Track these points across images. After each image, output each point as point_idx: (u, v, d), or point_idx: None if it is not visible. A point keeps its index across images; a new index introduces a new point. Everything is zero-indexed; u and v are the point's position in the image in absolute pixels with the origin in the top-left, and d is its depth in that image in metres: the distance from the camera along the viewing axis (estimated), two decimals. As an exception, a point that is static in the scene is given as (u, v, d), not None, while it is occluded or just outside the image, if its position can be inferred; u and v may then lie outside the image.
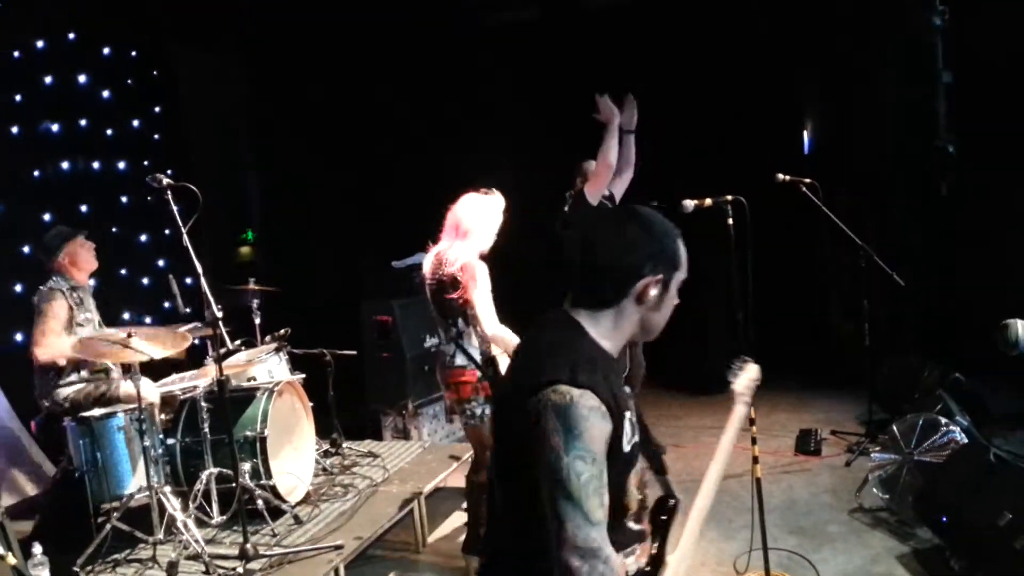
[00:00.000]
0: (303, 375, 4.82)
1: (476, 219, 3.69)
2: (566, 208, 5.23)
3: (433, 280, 3.68)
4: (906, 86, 6.72)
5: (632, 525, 1.83)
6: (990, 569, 3.26)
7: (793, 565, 3.80)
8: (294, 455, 4.44)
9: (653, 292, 1.76)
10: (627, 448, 1.74)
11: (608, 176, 5.05)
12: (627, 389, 1.87)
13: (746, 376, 2.39)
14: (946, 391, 4.71)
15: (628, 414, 1.76)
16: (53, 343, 4.08)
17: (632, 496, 1.81)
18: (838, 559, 3.88)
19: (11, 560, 2.61)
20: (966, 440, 4.04)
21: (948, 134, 6.59)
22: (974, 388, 5.10)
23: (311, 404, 4.63)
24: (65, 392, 4.13)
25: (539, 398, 1.63)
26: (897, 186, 6.94)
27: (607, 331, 1.78)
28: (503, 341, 3.57)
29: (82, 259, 4.34)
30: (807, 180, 4.95)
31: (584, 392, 1.63)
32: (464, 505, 4.08)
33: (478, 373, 3.61)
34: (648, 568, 1.88)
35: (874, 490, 4.29)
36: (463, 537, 4.06)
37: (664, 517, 1.93)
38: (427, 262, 3.76)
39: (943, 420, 4.16)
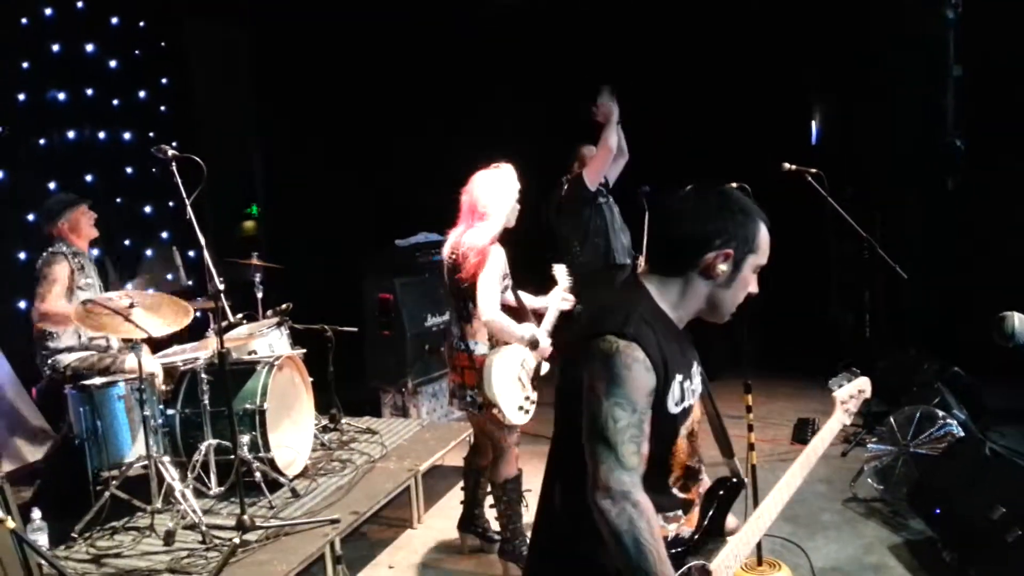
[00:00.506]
0: (304, 350, 4.83)
1: (491, 197, 3.60)
2: (562, 192, 5.27)
3: (450, 261, 3.65)
4: (916, 79, 6.69)
5: (677, 492, 1.86)
6: (981, 562, 3.28)
7: (786, 552, 3.81)
8: (293, 429, 4.47)
9: (722, 266, 1.79)
10: (674, 409, 1.79)
11: (608, 160, 5.11)
12: (696, 366, 1.90)
13: (854, 386, 2.30)
14: (944, 385, 4.72)
15: (679, 377, 1.79)
16: (54, 305, 4.11)
17: (678, 459, 1.85)
18: (831, 547, 3.91)
19: (10, 524, 2.63)
20: (962, 434, 4.07)
21: (956, 129, 6.57)
22: (972, 383, 5.11)
23: (311, 379, 4.65)
24: (67, 360, 4.16)
25: (589, 348, 1.70)
26: (903, 179, 6.92)
27: (673, 300, 1.83)
28: (500, 328, 3.51)
29: (83, 227, 4.37)
30: (813, 170, 4.94)
31: (630, 344, 1.68)
32: (461, 484, 4.09)
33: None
34: (695, 540, 1.87)
35: (869, 480, 4.31)
36: (459, 515, 4.09)
37: (723, 494, 1.94)
38: (447, 244, 3.71)
39: (940, 413, 4.18)
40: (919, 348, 5.64)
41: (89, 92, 6.17)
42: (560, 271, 3.90)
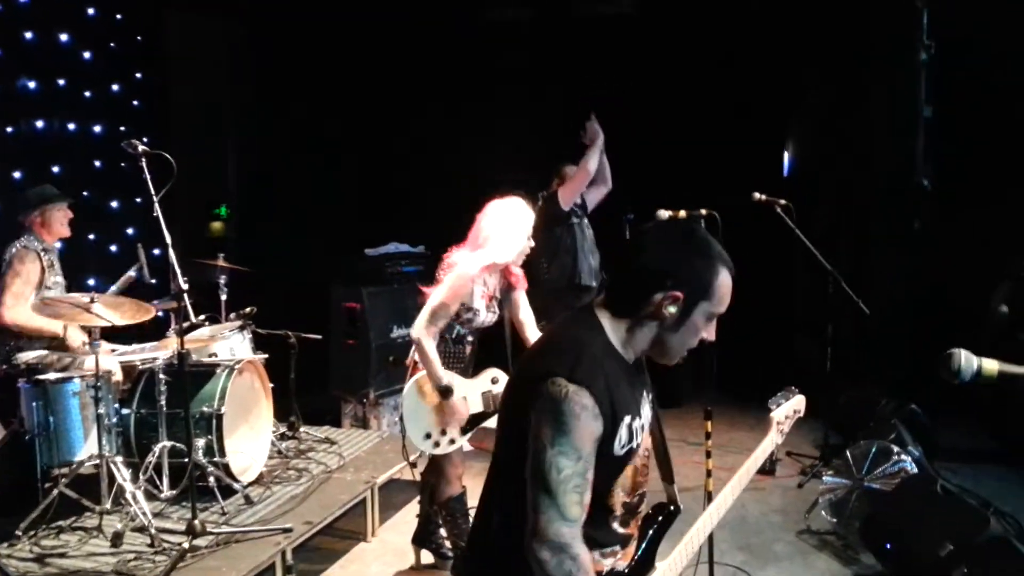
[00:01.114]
0: (266, 355, 4.78)
1: (493, 229, 3.48)
2: (538, 206, 5.28)
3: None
4: (888, 118, 6.81)
5: (617, 527, 1.85)
6: (928, 598, 3.33)
7: (738, 581, 3.84)
8: (250, 435, 4.41)
9: (670, 308, 1.74)
10: (619, 452, 1.75)
11: (584, 183, 5.17)
12: (646, 396, 1.88)
13: (789, 406, 2.29)
14: (901, 421, 4.78)
15: (627, 419, 1.76)
16: (20, 310, 4.04)
17: (618, 498, 1.83)
18: (782, 578, 3.93)
19: (-49, 519, 2.56)
20: (916, 470, 4.11)
21: (925, 168, 6.70)
22: (928, 421, 5.19)
23: (272, 385, 4.60)
24: (26, 356, 4.08)
25: (537, 388, 1.67)
26: (872, 216, 7.04)
27: (622, 337, 1.79)
28: (422, 353, 3.40)
29: (56, 224, 4.32)
30: (782, 201, 5.01)
31: (580, 389, 1.65)
32: (418, 498, 4.06)
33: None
34: (628, 571, 1.88)
35: (823, 513, 4.35)
36: (414, 529, 4.05)
37: (661, 520, 1.95)
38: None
39: (895, 448, 4.23)
40: (879, 384, 5.71)
41: (61, 83, 6.09)
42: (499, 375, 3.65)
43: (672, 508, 1.98)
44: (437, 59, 7.55)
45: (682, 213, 3.92)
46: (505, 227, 3.49)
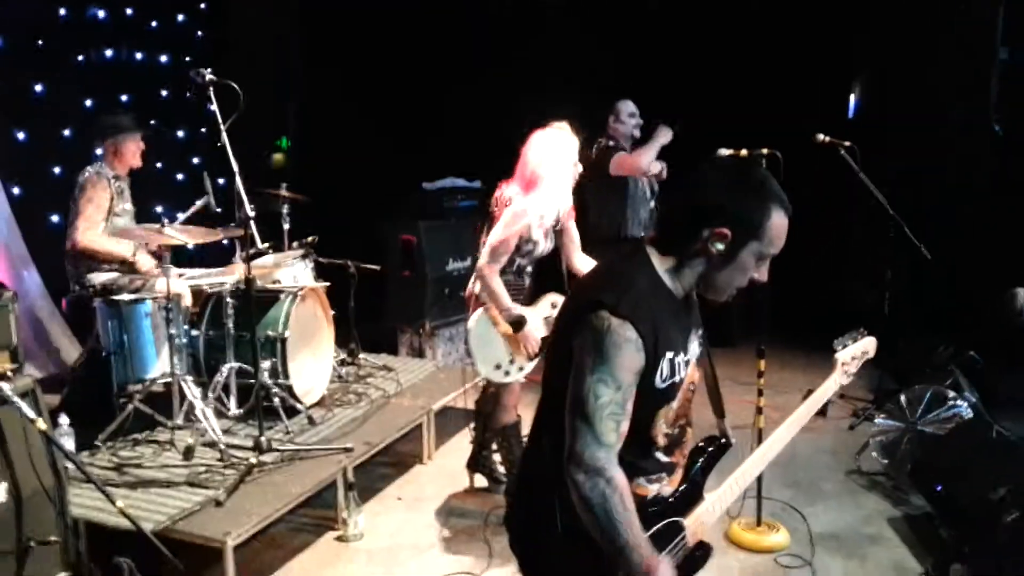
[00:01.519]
0: (327, 283, 4.90)
1: (544, 161, 3.50)
2: (591, 154, 5.12)
3: (490, 212, 3.64)
4: (961, 60, 6.57)
5: (661, 456, 1.89)
6: (976, 540, 3.33)
7: (785, 516, 3.90)
8: (312, 360, 4.56)
9: (717, 246, 1.73)
10: (660, 385, 1.78)
11: (632, 173, 5.02)
12: (695, 332, 1.90)
13: (858, 347, 2.25)
14: (959, 367, 4.74)
15: (670, 354, 1.78)
16: (92, 234, 4.16)
17: (660, 429, 1.86)
18: (830, 515, 3.98)
19: (41, 425, 2.73)
20: (971, 415, 4.09)
21: (997, 113, 6.48)
22: (988, 368, 5.12)
23: (332, 313, 4.72)
24: (99, 277, 4.24)
25: (582, 318, 1.71)
26: (940, 161, 6.85)
27: (671, 272, 1.80)
28: (487, 285, 3.49)
29: (128, 154, 4.39)
30: (846, 143, 4.90)
31: (623, 322, 1.68)
32: (472, 425, 4.18)
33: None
34: (674, 498, 1.91)
35: (874, 454, 4.36)
36: (468, 454, 4.18)
37: (710, 452, 1.99)
38: (496, 194, 3.68)
39: (951, 394, 4.21)
40: (937, 330, 5.64)
41: (129, 12, 6.19)
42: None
43: (723, 441, 2.01)
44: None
45: (743, 152, 3.85)
46: (552, 161, 3.52)
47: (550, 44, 7.45)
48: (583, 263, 3.74)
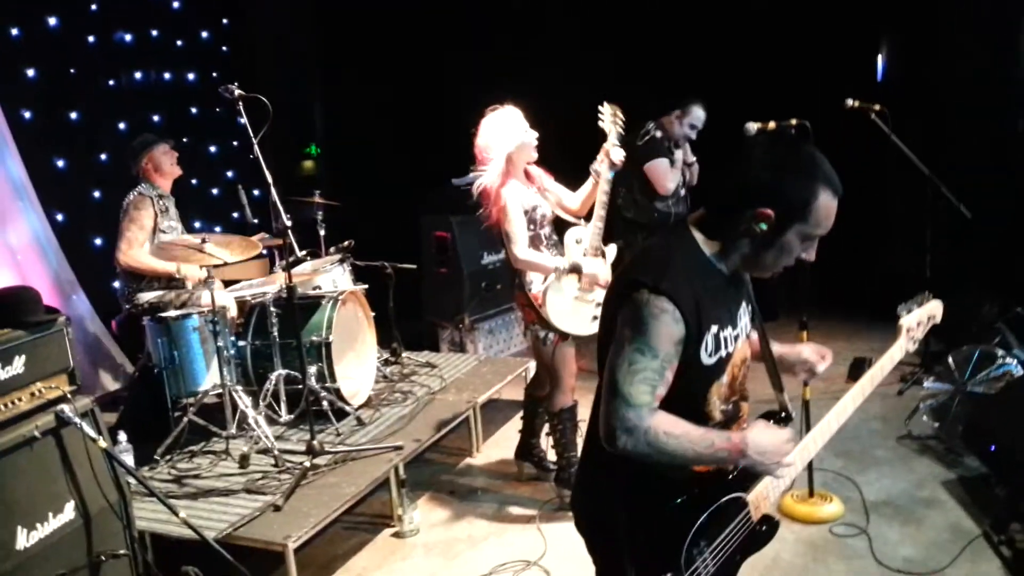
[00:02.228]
0: (365, 286, 4.97)
1: (489, 139, 3.63)
2: (638, 142, 5.02)
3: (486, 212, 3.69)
4: (988, 14, 6.43)
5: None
6: (1034, 497, 3.31)
7: (837, 485, 3.88)
8: (356, 361, 4.63)
9: (761, 226, 1.72)
10: (707, 360, 1.80)
11: (654, 181, 4.97)
12: (745, 307, 1.92)
13: (924, 312, 2.21)
14: (1006, 325, 4.67)
15: (715, 328, 1.79)
16: (135, 253, 4.30)
17: (714, 406, 1.89)
18: (883, 482, 3.95)
19: (102, 443, 2.83)
20: (1022, 373, 4.04)
21: (1027, 65, 6.34)
22: (1036, 323, 5.04)
23: (372, 314, 4.80)
24: (146, 296, 4.36)
25: (624, 296, 1.75)
26: (972, 118, 6.72)
27: (715, 252, 1.81)
28: (536, 266, 3.58)
29: (165, 165, 4.53)
30: (876, 107, 4.84)
31: (660, 298, 1.71)
32: (520, 415, 4.22)
33: (540, 299, 3.63)
34: (734, 474, 1.90)
35: (924, 418, 4.33)
36: (515, 444, 4.23)
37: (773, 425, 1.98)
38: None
39: (1000, 352, 4.16)
40: (982, 288, 5.55)
41: (154, 33, 6.31)
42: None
43: (783, 415, 2.00)
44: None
45: (771, 124, 3.82)
46: (497, 134, 3.62)
47: (577, 43, 7.44)
48: (576, 199, 3.81)
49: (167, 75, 6.44)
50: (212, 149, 6.82)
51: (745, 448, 1.77)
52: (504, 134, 3.63)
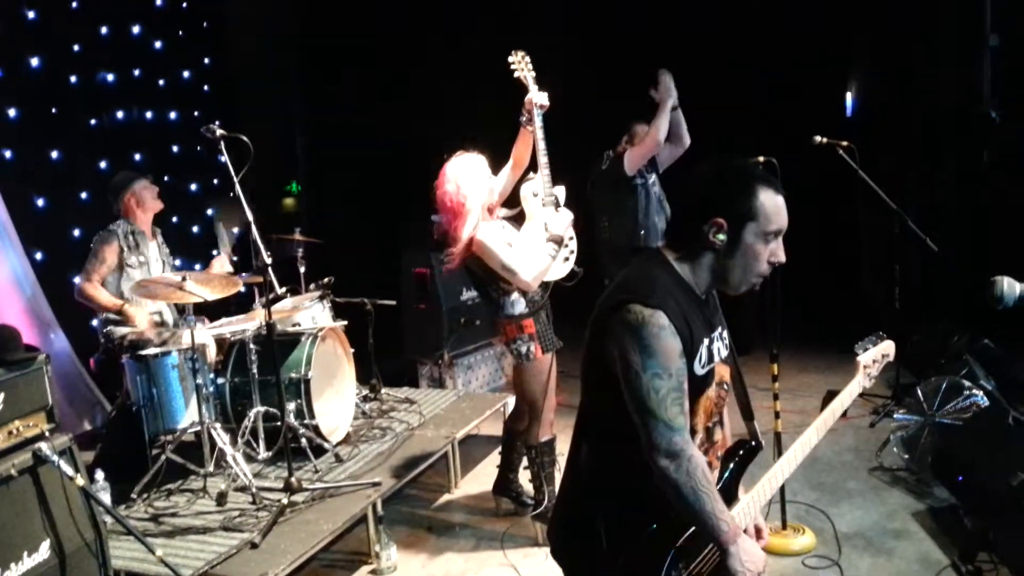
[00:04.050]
0: (344, 322, 5.00)
1: (467, 190, 3.62)
2: (602, 167, 5.24)
3: (450, 257, 3.69)
4: (953, 49, 6.64)
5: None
6: (1000, 527, 3.37)
7: (810, 518, 3.94)
8: (335, 398, 4.66)
9: (718, 236, 1.85)
10: (700, 371, 1.90)
11: (651, 151, 4.98)
12: (722, 331, 1.99)
13: (877, 351, 2.34)
14: (973, 356, 4.77)
15: (706, 340, 1.90)
16: (86, 285, 4.41)
17: (700, 419, 1.96)
18: (855, 514, 4.01)
19: (80, 481, 2.85)
20: (988, 403, 4.13)
21: (992, 100, 6.53)
22: (1003, 354, 5.14)
23: (352, 350, 4.83)
24: (123, 331, 4.38)
25: (615, 318, 1.81)
26: (939, 152, 6.90)
27: (688, 271, 1.91)
28: (544, 271, 3.64)
29: (147, 200, 4.61)
30: (844, 143, 4.97)
31: (655, 312, 1.79)
32: (497, 450, 4.26)
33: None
34: None
35: (895, 450, 4.40)
36: (493, 480, 4.26)
37: (741, 455, 2.07)
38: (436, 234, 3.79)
39: (966, 383, 4.25)
40: (950, 320, 5.67)
41: (136, 73, 6.38)
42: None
43: (753, 444, 2.09)
44: (504, 23, 7.57)
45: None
46: (472, 183, 3.63)
47: (560, 67, 7.57)
48: (513, 166, 3.88)
49: (149, 114, 6.50)
50: (192, 187, 6.86)
51: (738, 538, 1.84)
52: (481, 184, 3.65)
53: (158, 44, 6.60)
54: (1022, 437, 3.61)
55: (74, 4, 5.84)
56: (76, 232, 5.68)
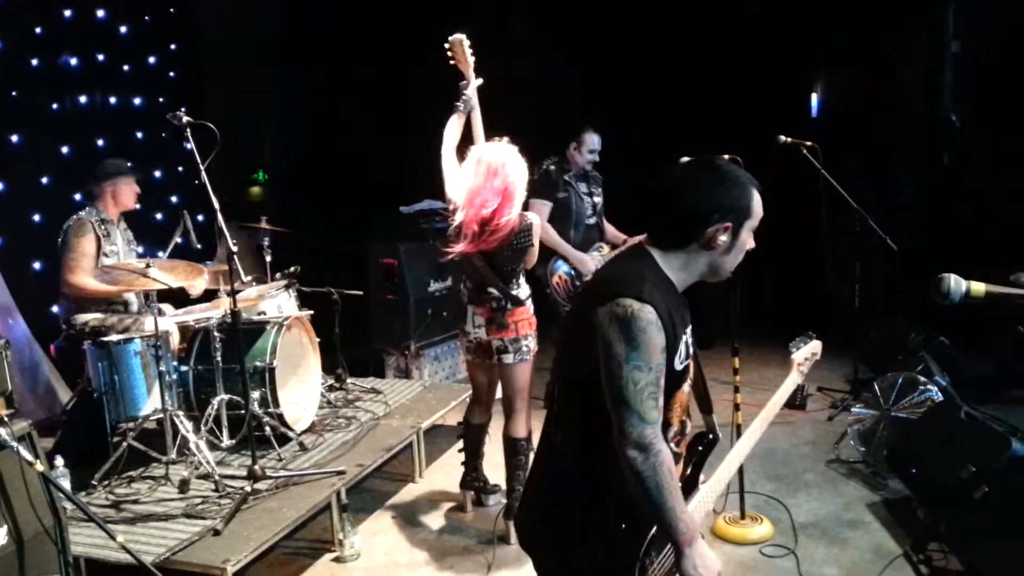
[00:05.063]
0: (311, 312, 4.99)
1: (521, 177, 3.68)
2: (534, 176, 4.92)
3: (489, 235, 3.65)
4: (916, 55, 6.78)
5: (673, 447, 2.02)
6: (951, 517, 3.47)
7: (768, 508, 4.02)
8: (300, 387, 4.65)
9: (722, 239, 1.91)
10: (678, 367, 1.94)
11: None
12: (689, 327, 2.03)
13: (808, 349, 2.49)
14: (929, 353, 4.89)
15: (685, 337, 1.95)
16: (82, 280, 4.29)
17: (675, 414, 2.01)
18: (812, 504, 4.10)
19: (39, 467, 2.82)
20: (942, 399, 4.23)
21: (953, 104, 6.68)
22: (956, 352, 5.28)
23: (318, 340, 4.82)
24: (86, 317, 4.33)
25: (605, 309, 1.84)
26: (901, 154, 7.04)
27: (675, 269, 1.95)
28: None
29: (124, 197, 4.53)
30: (808, 143, 5.06)
31: (644, 306, 1.82)
32: (459, 444, 4.27)
33: (531, 309, 3.80)
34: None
35: (851, 443, 4.50)
36: (459, 470, 4.27)
37: (701, 448, 2.13)
38: (465, 216, 3.71)
39: (922, 379, 4.35)
40: (908, 319, 5.80)
41: (100, 58, 6.29)
42: None
43: (711, 437, 2.15)
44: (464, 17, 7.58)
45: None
46: (522, 171, 3.71)
47: (518, 66, 7.60)
48: (454, 148, 4.02)
49: (113, 99, 6.41)
50: (157, 174, 6.78)
51: (695, 542, 1.86)
52: (525, 169, 3.74)
53: (123, 29, 6.51)
54: (973, 430, 3.70)
55: (37, -15, 5.74)
56: (36, 217, 5.59)
